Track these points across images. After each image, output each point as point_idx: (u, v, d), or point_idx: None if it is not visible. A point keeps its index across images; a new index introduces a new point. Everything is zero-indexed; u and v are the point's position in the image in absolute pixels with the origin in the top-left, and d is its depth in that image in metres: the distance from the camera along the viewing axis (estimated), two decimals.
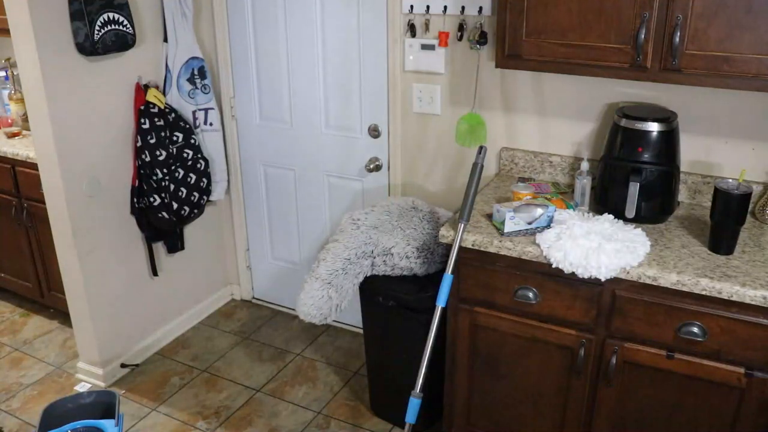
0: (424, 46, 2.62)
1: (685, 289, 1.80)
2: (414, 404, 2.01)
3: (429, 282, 2.43)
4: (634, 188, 2.05)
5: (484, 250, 2.06)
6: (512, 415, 2.27)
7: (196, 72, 3.02)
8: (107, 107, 2.77)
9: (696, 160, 2.29)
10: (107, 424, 2.40)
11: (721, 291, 1.76)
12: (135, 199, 2.93)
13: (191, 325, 3.44)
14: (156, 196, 2.88)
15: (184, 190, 3.00)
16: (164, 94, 2.95)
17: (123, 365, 3.07)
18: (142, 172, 2.86)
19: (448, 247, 2.11)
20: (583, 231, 1.97)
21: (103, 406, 2.50)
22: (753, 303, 1.74)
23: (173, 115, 2.94)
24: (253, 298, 3.68)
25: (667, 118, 2.11)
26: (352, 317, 3.19)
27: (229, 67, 3.19)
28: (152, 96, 2.85)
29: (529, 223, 2.05)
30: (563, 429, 2.18)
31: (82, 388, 2.97)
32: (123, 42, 2.66)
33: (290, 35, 2.98)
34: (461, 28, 2.51)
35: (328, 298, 2.40)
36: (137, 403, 2.88)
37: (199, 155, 3.06)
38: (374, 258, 2.43)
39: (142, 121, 2.82)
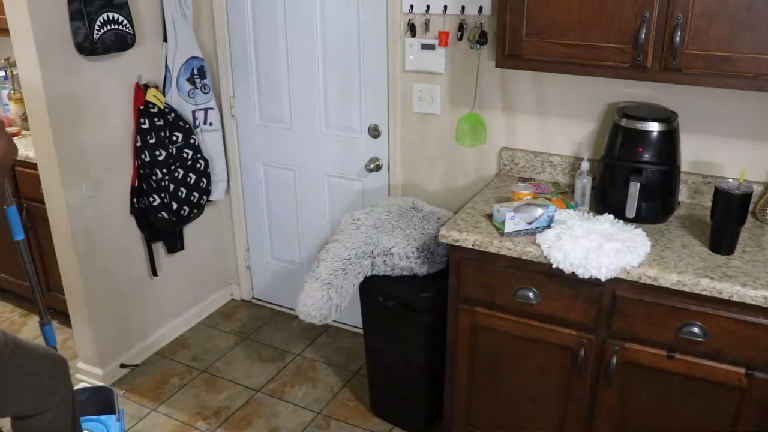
0: (424, 46, 2.61)
1: (685, 289, 1.80)
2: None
3: (429, 282, 2.43)
4: (634, 188, 2.05)
5: (484, 250, 2.05)
6: (512, 416, 2.27)
7: (195, 72, 3.02)
8: (107, 107, 2.76)
9: (696, 160, 2.28)
10: (108, 420, 2.41)
11: (721, 291, 1.76)
12: (135, 199, 2.92)
13: (191, 325, 3.44)
14: (156, 196, 2.88)
15: (184, 190, 3.00)
16: (164, 93, 2.94)
17: (123, 365, 3.06)
18: (141, 172, 2.86)
19: (448, 247, 2.11)
20: (583, 231, 1.97)
21: (99, 403, 2.50)
22: (753, 303, 1.73)
23: (173, 114, 2.94)
24: (253, 298, 3.67)
25: (667, 118, 2.10)
26: (352, 317, 3.18)
27: (229, 67, 3.19)
28: (152, 96, 2.85)
29: (530, 223, 2.04)
30: (563, 429, 2.18)
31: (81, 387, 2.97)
32: (123, 42, 2.66)
33: (290, 35, 2.97)
34: (461, 27, 2.50)
35: (328, 298, 2.40)
36: (137, 403, 2.88)
37: (199, 155, 3.05)
38: (374, 258, 2.43)
39: (142, 121, 2.82)
